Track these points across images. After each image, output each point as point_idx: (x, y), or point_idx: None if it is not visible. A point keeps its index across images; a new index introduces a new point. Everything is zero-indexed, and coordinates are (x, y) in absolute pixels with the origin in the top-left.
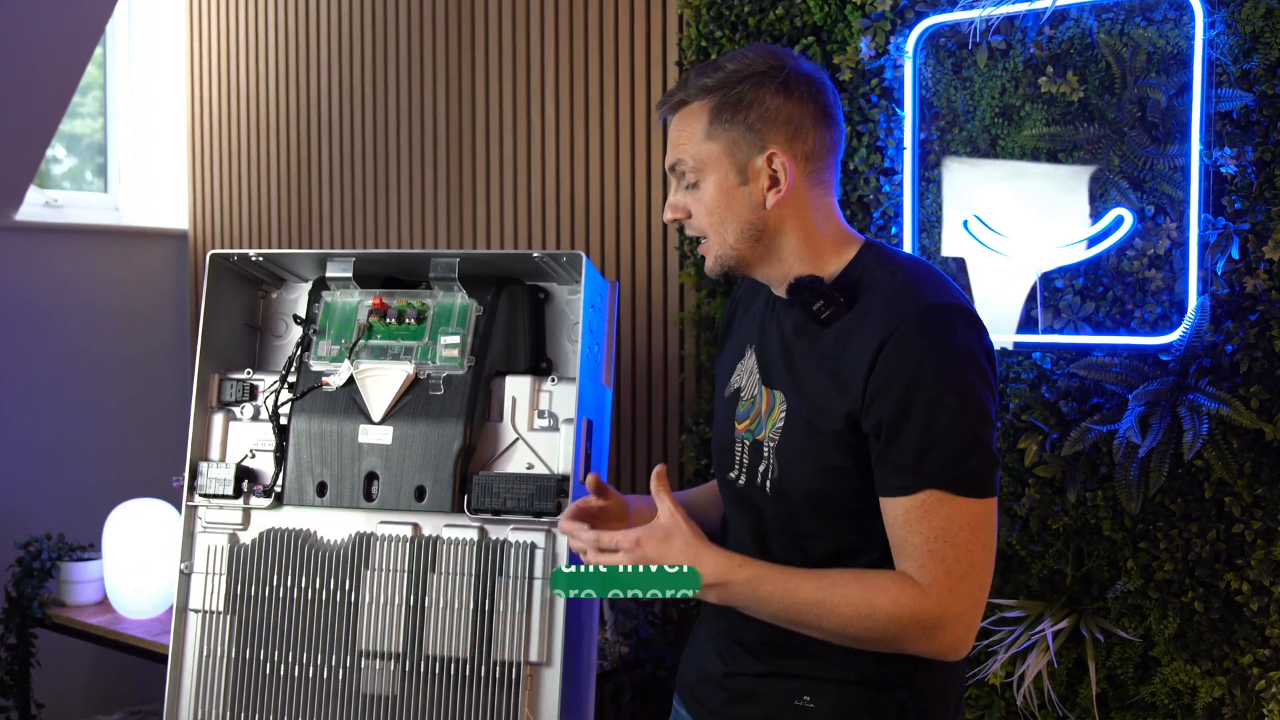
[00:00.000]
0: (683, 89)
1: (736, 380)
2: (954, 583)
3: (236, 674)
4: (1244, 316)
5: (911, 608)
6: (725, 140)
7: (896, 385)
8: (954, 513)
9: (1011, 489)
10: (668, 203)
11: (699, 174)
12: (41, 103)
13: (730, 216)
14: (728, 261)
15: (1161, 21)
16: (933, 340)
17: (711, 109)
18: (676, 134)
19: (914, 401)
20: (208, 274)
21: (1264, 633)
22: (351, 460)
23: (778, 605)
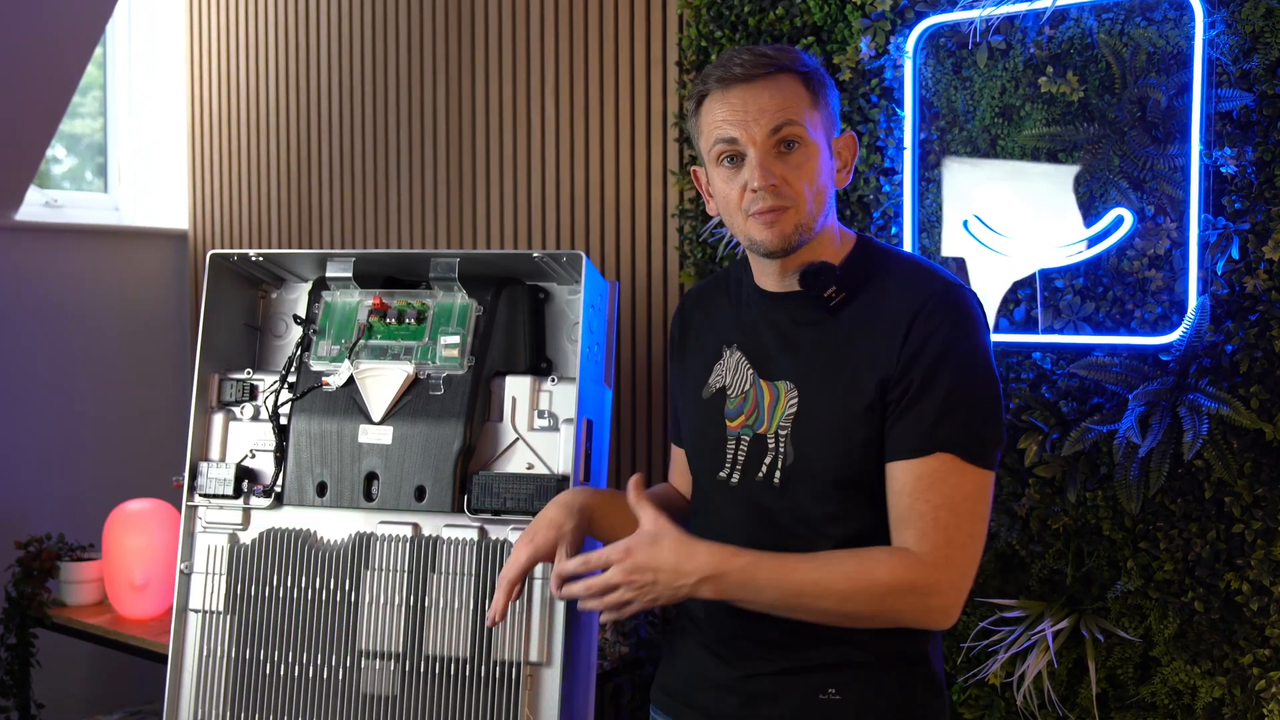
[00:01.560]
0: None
1: (718, 380)
2: (952, 551)
3: (236, 674)
4: (1244, 316)
5: (909, 576)
6: (824, 113)
7: (930, 352)
8: (962, 481)
9: (1011, 489)
10: (760, 166)
11: (807, 140)
12: (41, 103)
13: (825, 188)
14: (805, 232)
15: (1161, 21)
16: (959, 314)
17: (811, 83)
18: (777, 98)
19: (942, 368)
20: (208, 274)
21: (1264, 633)
22: (351, 460)
23: (775, 590)
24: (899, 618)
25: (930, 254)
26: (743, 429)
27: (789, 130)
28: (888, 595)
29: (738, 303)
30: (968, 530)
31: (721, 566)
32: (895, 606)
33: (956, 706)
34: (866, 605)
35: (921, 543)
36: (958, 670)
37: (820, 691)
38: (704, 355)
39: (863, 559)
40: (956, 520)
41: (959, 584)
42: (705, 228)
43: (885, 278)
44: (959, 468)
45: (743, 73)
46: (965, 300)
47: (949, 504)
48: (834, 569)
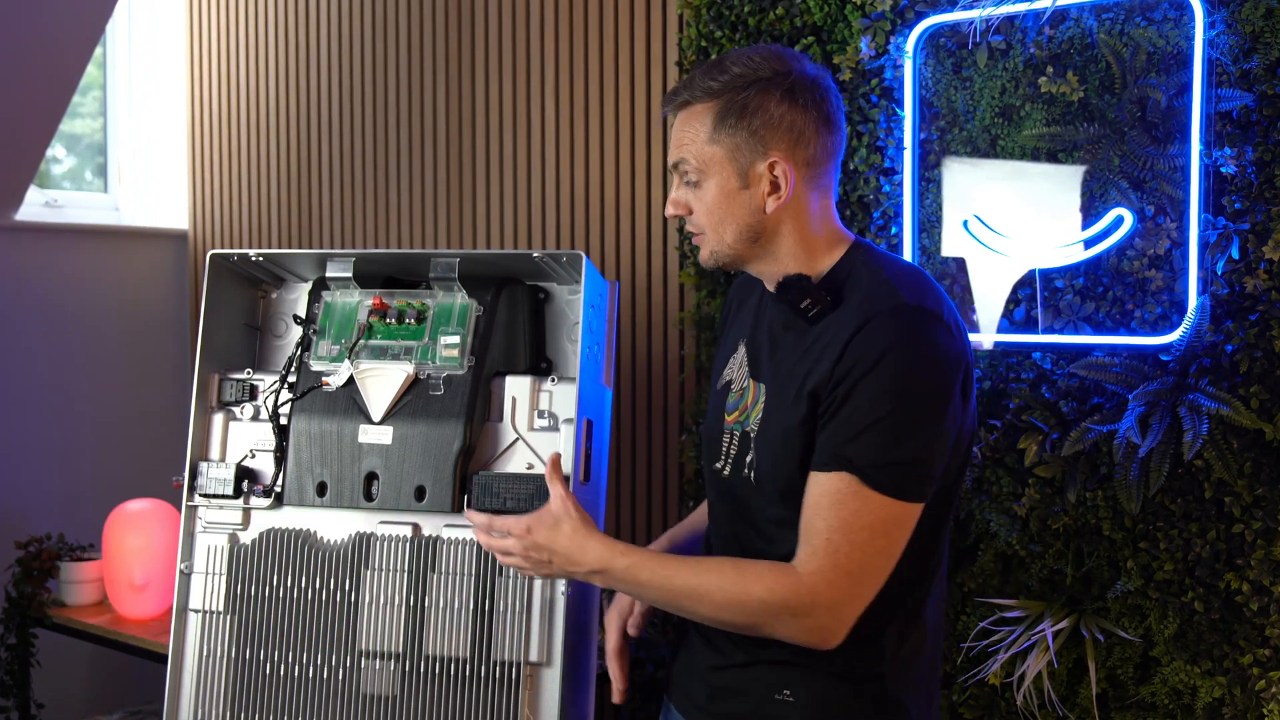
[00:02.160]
0: (688, 89)
1: (728, 373)
2: (836, 576)
3: (236, 674)
4: (1244, 316)
5: (784, 594)
6: (729, 145)
7: (856, 370)
8: (862, 508)
9: (1011, 489)
10: (670, 198)
11: (701, 175)
12: (41, 103)
13: (730, 218)
14: (722, 258)
15: (1162, 21)
16: (899, 336)
17: (716, 113)
18: (680, 133)
19: (862, 387)
20: (208, 274)
21: (1264, 633)
22: (351, 460)
23: (656, 591)
24: (774, 634)
25: (930, 254)
26: (735, 424)
27: (682, 168)
28: (762, 611)
29: (760, 298)
30: (859, 558)
31: (608, 564)
32: (769, 623)
33: (956, 706)
34: (742, 617)
35: (808, 562)
36: (957, 670)
37: (776, 691)
38: (727, 346)
39: (744, 572)
40: (849, 546)
41: (840, 610)
42: None
43: (857, 289)
44: (861, 493)
45: (666, 105)
46: (915, 322)
47: (844, 527)
48: (713, 578)
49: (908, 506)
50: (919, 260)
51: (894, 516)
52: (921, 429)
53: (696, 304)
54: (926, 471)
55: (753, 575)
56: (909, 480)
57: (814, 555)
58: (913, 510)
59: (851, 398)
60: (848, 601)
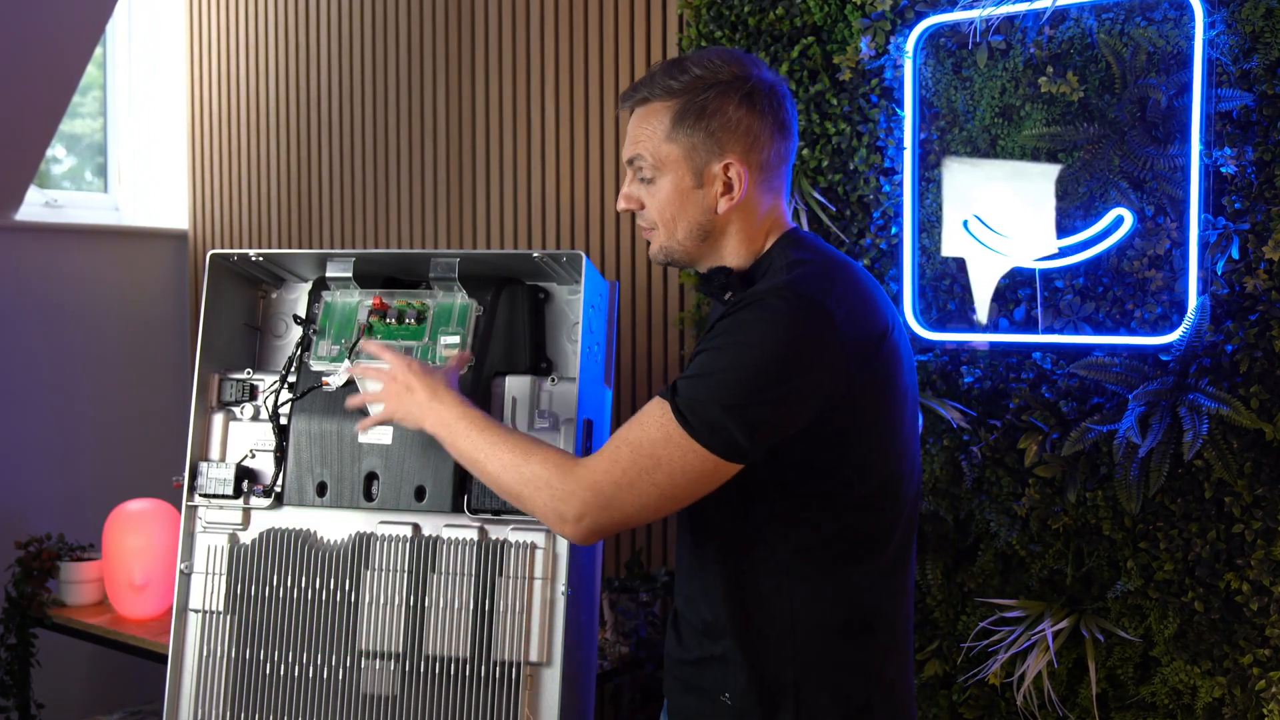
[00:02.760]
0: (647, 86)
1: None
2: (602, 479)
3: (236, 674)
4: (1244, 316)
5: (551, 472)
6: (685, 144)
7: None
8: (660, 438)
9: (1012, 489)
10: (622, 193)
11: (656, 172)
12: (42, 103)
13: (682, 216)
14: (672, 254)
15: (1161, 21)
16: (766, 306)
17: (675, 112)
18: (637, 130)
19: (717, 340)
20: (208, 274)
21: (1264, 633)
22: (351, 460)
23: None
24: (534, 510)
25: (930, 254)
26: None
27: (637, 164)
28: (530, 481)
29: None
30: (631, 477)
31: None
32: (531, 495)
33: (956, 706)
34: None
35: (593, 457)
36: (957, 670)
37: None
38: None
39: (538, 444)
40: (630, 460)
41: (592, 512)
42: None
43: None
44: (668, 425)
45: (624, 99)
46: (783, 300)
47: (635, 443)
48: (510, 441)
49: (708, 458)
50: (918, 260)
51: (687, 462)
52: (758, 394)
53: (696, 304)
54: (742, 435)
55: (541, 449)
56: (718, 434)
57: (600, 455)
58: (713, 465)
59: (708, 349)
60: (601, 509)
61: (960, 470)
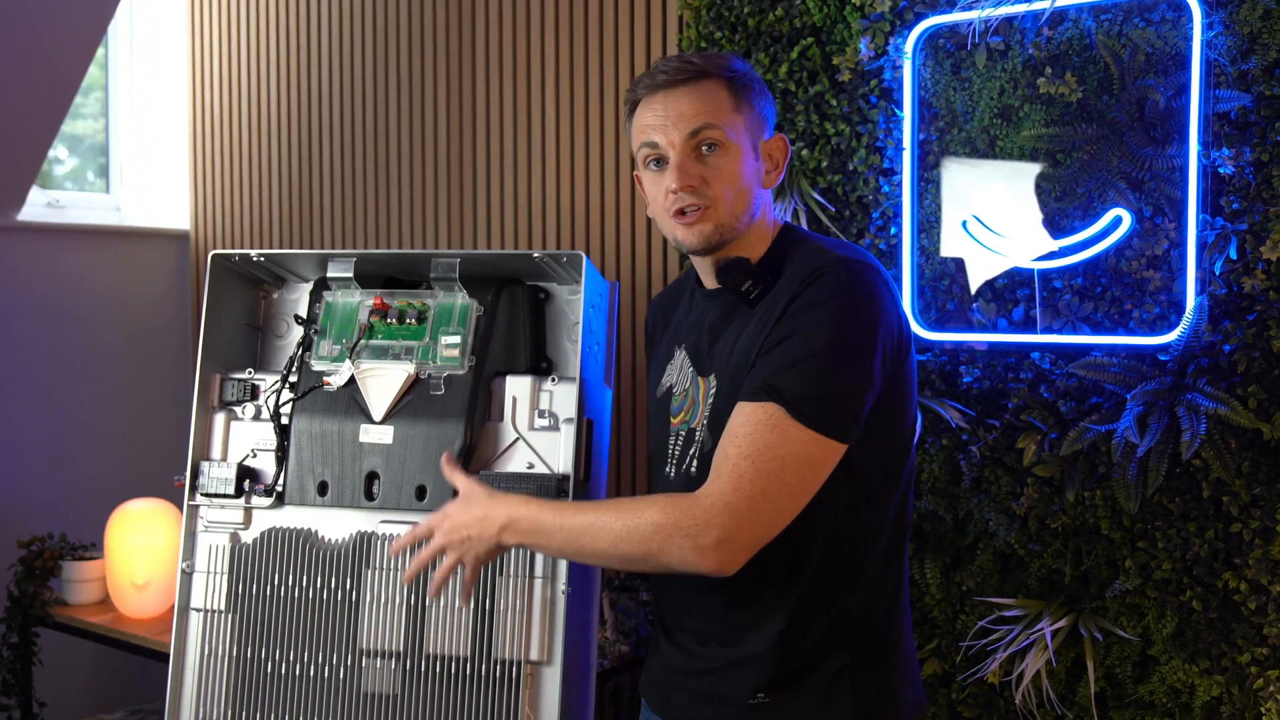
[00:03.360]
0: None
1: (668, 380)
2: (735, 499)
3: (238, 673)
4: (1242, 316)
5: (676, 515)
6: (748, 116)
7: (798, 314)
8: (779, 439)
9: (1010, 488)
10: (678, 169)
11: (727, 142)
12: (44, 104)
13: (746, 189)
14: (726, 231)
15: (1160, 22)
16: (840, 282)
17: (735, 86)
18: (698, 102)
19: (800, 325)
20: (209, 274)
21: (1262, 631)
22: (352, 460)
23: (559, 533)
24: (669, 559)
25: (929, 254)
26: (681, 424)
27: (707, 133)
28: (655, 533)
29: (690, 303)
30: (761, 485)
31: (514, 513)
32: (664, 548)
33: (955, 705)
34: (637, 545)
35: (708, 486)
36: (956, 669)
37: (750, 696)
38: (661, 357)
39: (637, 500)
40: (754, 473)
41: (735, 533)
42: None
43: (793, 262)
44: (782, 423)
45: (666, 79)
46: (853, 271)
47: (755, 455)
48: (609, 509)
49: (827, 444)
50: (918, 260)
51: (810, 453)
52: (853, 369)
53: None
54: (852, 411)
55: (646, 501)
56: (834, 416)
57: (716, 479)
58: (832, 450)
59: (789, 336)
60: (742, 526)
61: (959, 469)
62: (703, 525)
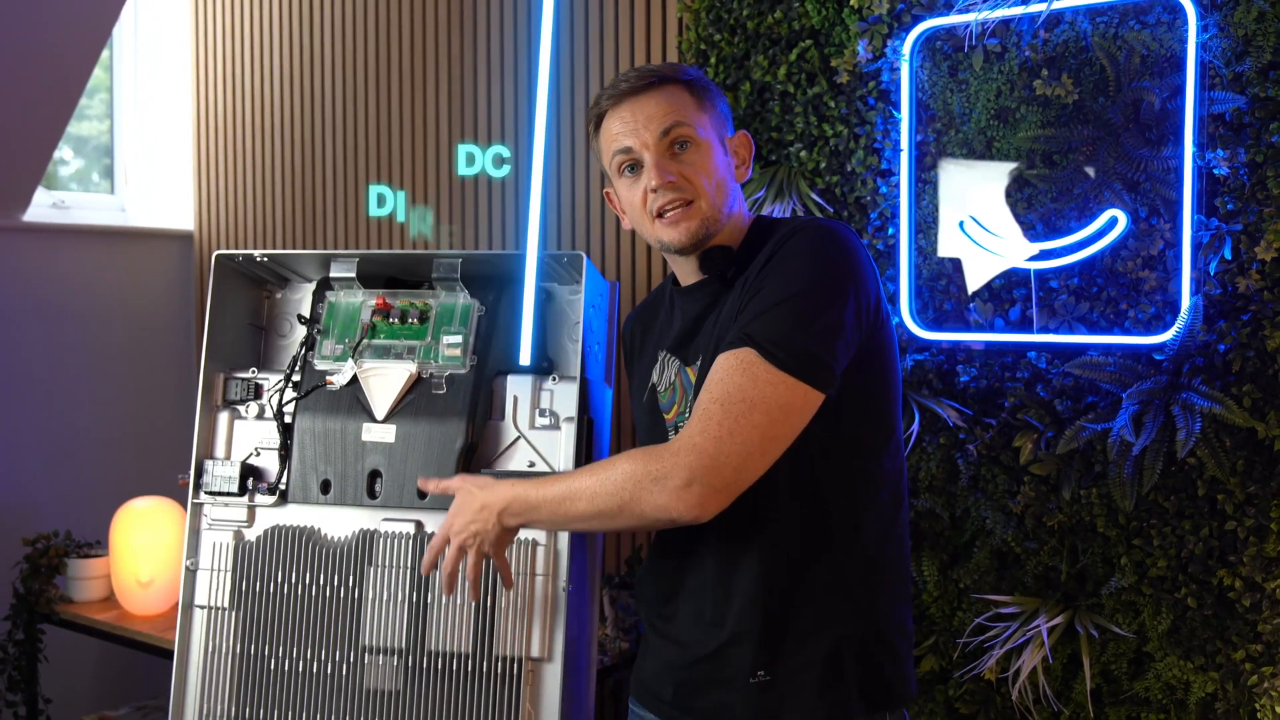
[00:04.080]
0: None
1: (652, 380)
2: (703, 440)
3: (241, 669)
4: (1236, 316)
5: (644, 463)
6: (712, 114)
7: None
8: (749, 381)
9: (1007, 487)
10: (656, 168)
11: (698, 138)
12: (49, 105)
13: (723, 182)
14: (711, 224)
15: (1155, 25)
16: (810, 238)
17: (695, 90)
18: (665, 103)
19: (775, 274)
20: (213, 274)
21: (1256, 628)
22: (355, 458)
23: (546, 505)
24: (643, 510)
25: (926, 254)
26: (678, 418)
27: (678, 131)
28: (626, 482)
29: (669, 310)
30: (729, 427)
31: (506, 496)
32: (638, 497)
33: (953, 701)
34: (614, 498)
35: (682, 432)
36: (953, 666)
37: (751, 675)
38: (645, 366)
39: (611, 458)
40: (723, 413)
41: (703, 475)
42: None
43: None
44: (754, 367)
45: (629, 87)
46: (825, 228)
47: (724, 398)
48: (585, 471)
49: (799, 387)
50: (915, 260)
51: (781, 396)
52: (825, 313)
53: None
54: (824, 358)
55: (619, 456)
56: (806, 360)
57: (687, 425)
58: (804, 396)
59: (764, 285)
60: (710, 468)
61: (956, 468)
62: (670, 468)
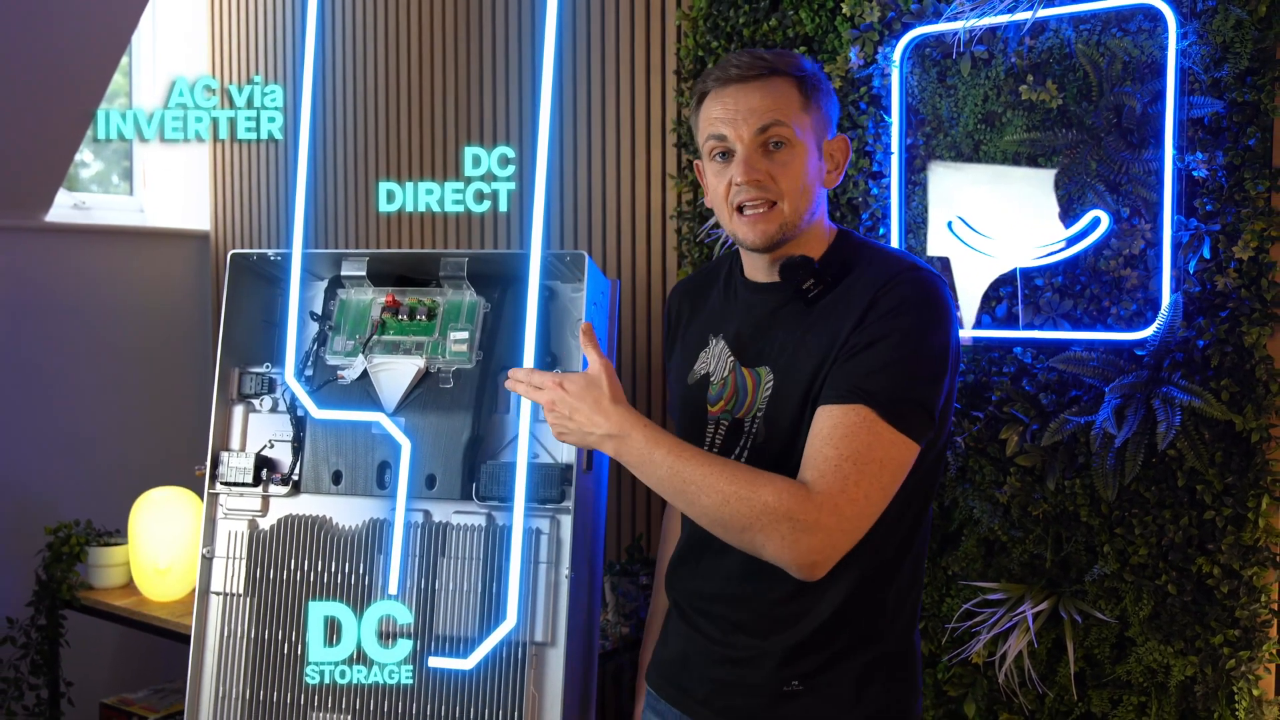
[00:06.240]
0: (772, 60)
1: (703, 367)
2: (843, 502)
3: (256, 653)
4: (1215, 313)
5: (791, 503)
6: (815, 116)
7: (883, 318)
8: (875, 441)
9: (993, 477)
10: (745, 164)
11: (795, 140)
12: (70, 109)
13: (811, 187)
14: (789, 229)
15: (1136, 32)
16: (921, 292)
17: (804, 86)
18: (768, 99)
19: (886, 330)
20: (228, 273)
21: (1234, 614)
22: (366, 450)
23: (666, 470)
24: (765, 543)
25: (916, 254)
26: (722, 414)
27: (775, 130)
28: (764, 514)
29: (726, 293)
30: (865, 489)
31: (626, 428)
32: (766, 530)
33: (941, 684)
34: (742, 517)
35: (818, 482)
36: (942, 650)
37: (784, 684)
38: (690, 344)
39: (756, 474)
40: (858, 474)
41: (836, 538)
42: (702, 228)
43: (861, 267)
44: (876, 426)
45: (738, 74)
46: (931, 283)
47: (855, 456)
48: (725, 471)
49: (913, 447)
50: None
51: (899, 455)
52: (934, 376)
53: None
54: (932, 416)
55: (765, 479)
56: (919, 420)
57: (823, 478)
58: (915, 452)
59: (876, 341)
60: (847, 530)
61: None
62: (813, 522)
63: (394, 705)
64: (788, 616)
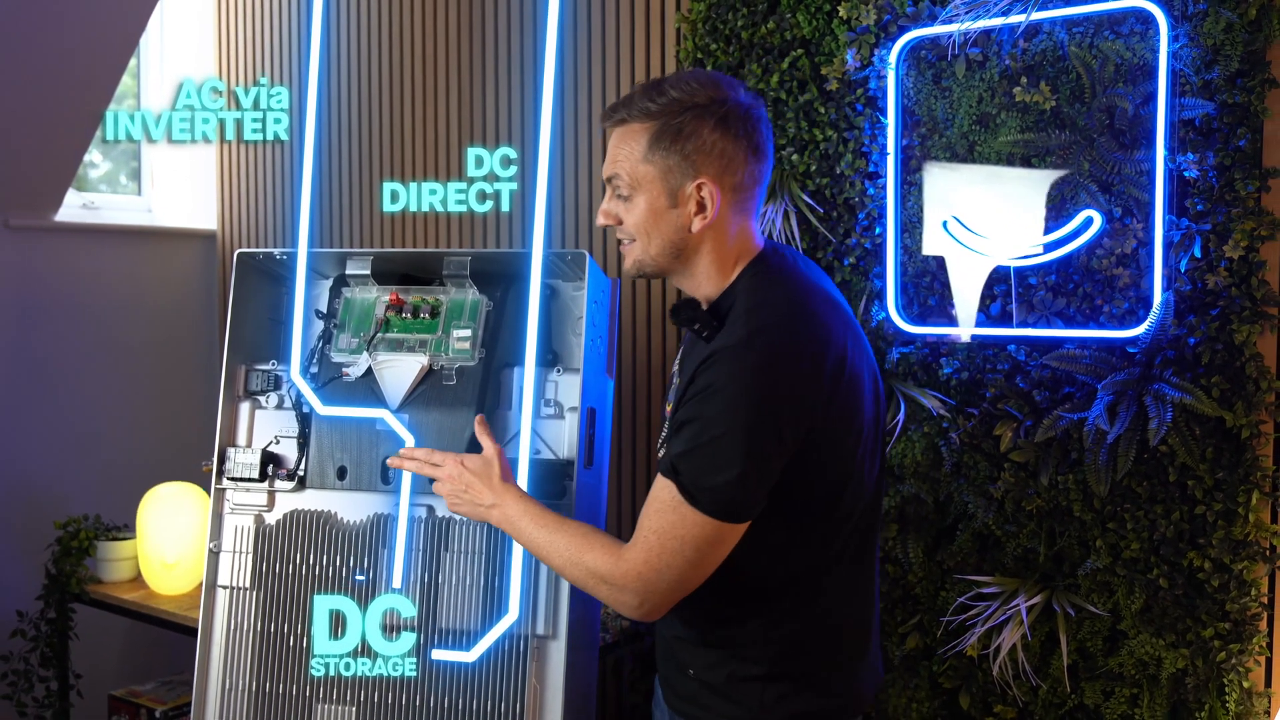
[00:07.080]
0: (625, 108)
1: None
2: (646, 571)
3: (262, 646)
4: (1206, 311)
5: (605, 569)
6: (661, 165)
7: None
8: (679, 521)
9: (988, 473)
10: (601, 209)
11: (632, 190)
12: (79, 111)
13: (656, 233)
14: (645, 269)
15: (1128, 35)
16: (742, 367)
17: (652, 134)
18: (615, 150)
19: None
20: (235, 271)
21: (1224, 607)
22: (370, 446)
23: (527, 538)
24: (600, 597)
25: (912, 253)
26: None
27: (615, 182)
28: (590, 574)
29: None
30: (667, 561)
31: (505, 502)
32: (595, 588)
33: (936, 676)
34: (577, 577)
35: (629, 550)
36: (937, 643)
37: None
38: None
39: (587, 540)
40: (660, 549)
41: (649, 598)
42: None
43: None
44: (681, 508)
45: (604, 118)
46: (759, 353)
47: (660, 532)
48: (561, 540)
49: (724, 526)
50: (900, 258)
51: (706, 534)
52: (744, 459)
53: None
54: (744, 497)
55: (588, 545)
56: (726, 504)
57: (633, 547)
58: (730, 530)
59: (684, 423)
60: (657, 593)
61: (940, 455)
62: (622, 586)
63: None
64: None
